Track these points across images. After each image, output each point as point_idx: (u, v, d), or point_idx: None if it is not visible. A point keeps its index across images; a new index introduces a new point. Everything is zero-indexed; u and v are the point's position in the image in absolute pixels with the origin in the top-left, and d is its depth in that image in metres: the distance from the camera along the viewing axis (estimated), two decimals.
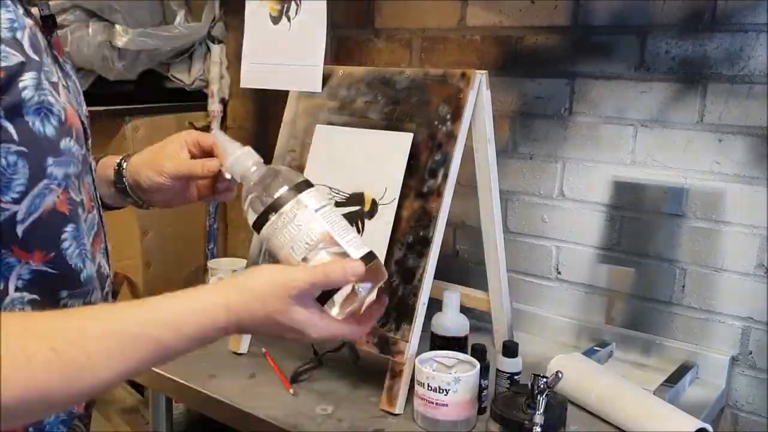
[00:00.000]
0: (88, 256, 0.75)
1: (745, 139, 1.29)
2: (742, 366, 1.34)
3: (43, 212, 0.68)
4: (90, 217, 0.78)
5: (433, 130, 1.22)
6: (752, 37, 1.26)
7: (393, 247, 1.21)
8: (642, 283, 1.43)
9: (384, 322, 1.19)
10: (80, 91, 0.83)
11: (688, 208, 1.37)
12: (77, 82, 0.83)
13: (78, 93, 0.82)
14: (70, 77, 0.80)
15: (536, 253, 1.56)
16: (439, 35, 1.63)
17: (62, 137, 0.68)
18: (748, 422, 1.34)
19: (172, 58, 1.91)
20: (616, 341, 1.45)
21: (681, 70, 1.34)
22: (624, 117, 1.41)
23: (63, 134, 0.68)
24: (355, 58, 1.76)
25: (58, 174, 0.68)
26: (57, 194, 0.69)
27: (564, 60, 1.47)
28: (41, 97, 0.66)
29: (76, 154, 0.71)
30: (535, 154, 1.53)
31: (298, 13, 1.37)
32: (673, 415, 1.11)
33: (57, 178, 0.68)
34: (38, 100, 0.65)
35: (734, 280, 1.33)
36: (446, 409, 1.09)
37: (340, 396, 1.22)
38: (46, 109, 0.66)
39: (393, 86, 1.29)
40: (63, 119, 0.68)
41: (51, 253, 0.70)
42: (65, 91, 0.73)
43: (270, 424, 1.14)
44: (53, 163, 0.67)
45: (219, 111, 1.99)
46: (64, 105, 0.69)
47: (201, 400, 1.24)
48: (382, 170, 1.25)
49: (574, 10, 1.44)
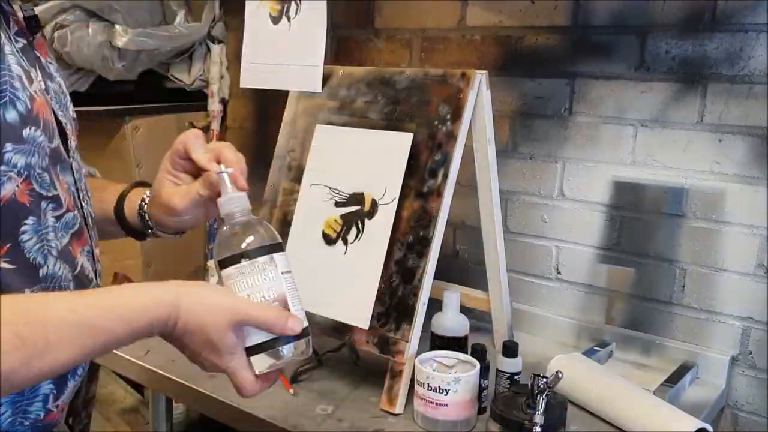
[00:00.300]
0: (52, 252, 0.73)
1: (745, 139, 1.29)
2: (742, 366, 1.34)
3: (1, 201, 0.67)
4: (70, 216, 0.76)
5: (433, 130, 1.22)
6: (752, 37, 1.26)
7: (393, 247, 1.21)
8: (642, 283, 1.43)
9: (384, 322, 1.19)
10: (65, 93, 0.83)
11: (688, 208, 1.37)
12: (63, 84, 0.82)
13: (63, 95, 0.81)
14: (54, 78, 0.80)
15: (536, 253, 1.56)
16: (439, 35, 1.63)
17: (26, 125, 0.67)
18: (748, 422, 1.34)
19: (172, 58, 1.91)
20: (616, 341, 1.45)
21: (681, 70, 1.34)
22: (624, 117, 1.41)
23: (27, 122, 0.67)
24: (355, 58, 1.76)
25: (17, 161, 0.67)
26: (17, 183, 0.68)
27: (564, 60, 1.47)
28: (4, 83, 0.65)
29: (42, 145, 0.70)
30: (535, 154, 1.53)
31: (298, 13, 1.37)
32: (673, 415, 1.11)
33: (16, 165, 0.67)
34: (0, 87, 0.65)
35: (734, 280, 1.33)
36: (446, 409, 1.09)
37: (340, 396, 1.22)
38: (11, 95, 0.66)
39: (393, 86, 1.29)
40: (29, 107, 0.67)
41: (7, 245, 0.69)
42: (38, 83, 0.72)
43: (270, 424, 1.14)
44: (12, 150, 0.66)
45: (219, 111, 1.99)
46: (31, 94, 0.68)
47: (201, 400, 1.24)
48: (382, 170, 1.25)
49: (574, 10, 1.44)
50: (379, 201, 1.24)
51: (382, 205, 1.24)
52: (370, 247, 1.23)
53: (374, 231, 1.24)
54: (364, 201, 1.26)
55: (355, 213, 1.26)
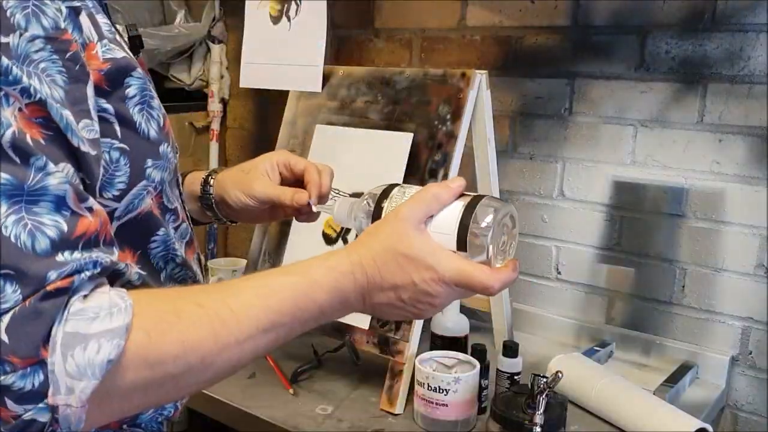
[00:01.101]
0: (175, 260, 0.75)
1: (745, 139, 1.29)
2: (742, 366, 1.34)
3: (140, 213, 0.69)
4: (183, 226, 0.79)
5: (433, 130, 1.22)
6: (752, 37, 1.26)
7: None
8: (642, 283, 1.43)
9: (384, 322, 1.19)
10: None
11: (688, 208, 1.37)
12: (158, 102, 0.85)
13: None
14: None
15: (536, 253, 1.56)
16: (439, 35, 1.63)
17: (162, 142, 0.69)
18: (748, 422, 1.34)
19: (172, 58, 1.91)
20: (616, 341, 1.45)
21: (681, 70, 1.34)
22: (624, 117, 1.41)
23: (162, 139, 0.69)
24: (355, 58, 1.76)
25: (155, 177, 0.69)
26: (152, 197, 0.70)
27: (564, 60, 1.47)
28: (144, 99, 0.66)
29: (171, 161, 0.72)
30: (535, 154, 1.53)
31: (298, 13, 1.37)
32: (673, 415, 1.11)
33: (154, 180, 0.69)
34: (141, 101, 0.66)
35: (734, 280, 1.33)
36: (446, 409, 1.09)
37: (340, 396, 1.22)
38: (148, 113, 0.67)
39: (393, 86, 1.29)
40: (162, 124, 0.69)
41: (138, 252, 0.71)
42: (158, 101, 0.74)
43: (270, 424, 1.14)
44: (152, 165, 0.68)
45: (219, 111, 1.99)
46: (163, 111, 0.70)
47: (201, 400, 1.24)
48: (382, 170, 1.25)
49: (574, 10, 1.44)
50: None
51: None
52: None
53: None
54: None
55: None
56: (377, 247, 0.68)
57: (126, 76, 0.65)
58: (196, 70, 1.96)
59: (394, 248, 0.68)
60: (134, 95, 0.65)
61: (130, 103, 0.65)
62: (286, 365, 1.30)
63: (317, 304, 0.65)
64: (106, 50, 0.63)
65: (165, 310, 0.58)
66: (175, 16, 1.89)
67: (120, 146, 0.64)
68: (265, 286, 0.64)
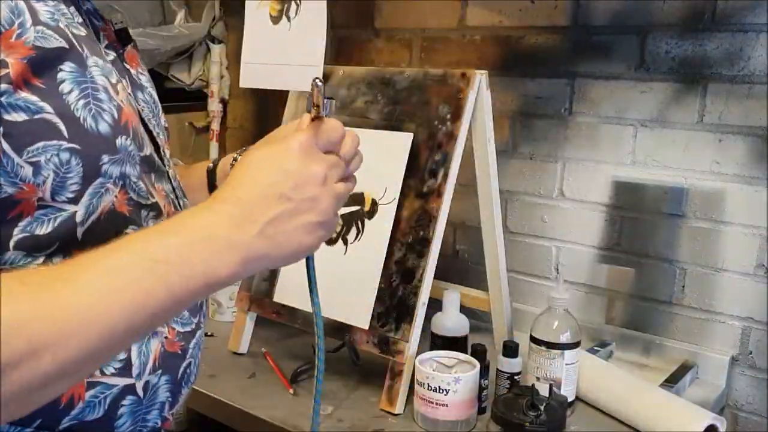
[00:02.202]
0: None
1: (745, 139, 1.29)
2: (742, 366, 1.34)
3: (102, 213, 0.66)
4: None
5: (433, 130, 1.22)
6: (752, 37, 1.26)
7: (393, 247, 1.21)
8: (642, 283, 1.43)
9: (384, 322, 1.19)
10: (157, 103, 0.83)
11: (688, 208, 1.37)
12: (154, 95, 0.83)
13: (155, 105, 0.82)
14: (144, 89, 0.80)
15: (536, 253, 1.56)
16: (439, 35, 1.63)
17: (118, 135, 0.67)
18: (748, 422, 1.34)
19: (172, 58, 1.91)
20: (616, 341, 1.45)
21: (681, 70, 1.34)
22: (624, 117, 1.41)
23: (118, 132, 0.67)
24: (355, 58, 1.76)
25: (113, 172, 0.66)
26: (114, 194, 0.67)
27: (564, 60, 1.47)
28: (86, 92, 0.64)
29: (132, 154, 0.69)
30: (535, 154, 1.53)
31: (298, 13, 1.37)
32: (686, 409, 1.10)
33: (112, 176, 0.66)
34: (83, 95, 0.63)
35: (734, 280, 1.33)
36: (446, 409, 1.09)
37: (340, 396, 1.22)
38: (96, 106, 0.65)
39: (393, 86, 1.29)
40: (117, 117, 0.67)
41: None
42: (125, 94, 0.71)
43: (270, 424, 1.14)
44: (109, 161, 0.66)
45: (219, 111, 2.00)
46: (118, 104, 0.68)
47: (201, 400, 1.24)
48: (382, 170, 1.25)
49: (574, 10, 1.44)
50: (379, 201, 1.24)
51: (382, 205, 1.24)
52: (370, 247, 1.23)
53: (374, 231, 1.24)
54: (364, 201, 1.26)
55: (355, 213, 1.26)
56: (231, 182, 0.66)
57: (55, 66, 0.61)
58: (196, 70, 1.96)
59: (246, 163, 0.67)
60: (71, 90, 0.62)
61: (70, 98, 0.62)
62: (286, 365, 1.30)
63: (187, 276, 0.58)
64: (38, 37, 0.60)
65: None
66: (175, 16, 1.90)
67: (69, 146, 0.61)
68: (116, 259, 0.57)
